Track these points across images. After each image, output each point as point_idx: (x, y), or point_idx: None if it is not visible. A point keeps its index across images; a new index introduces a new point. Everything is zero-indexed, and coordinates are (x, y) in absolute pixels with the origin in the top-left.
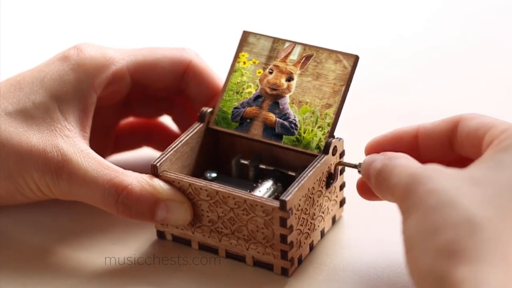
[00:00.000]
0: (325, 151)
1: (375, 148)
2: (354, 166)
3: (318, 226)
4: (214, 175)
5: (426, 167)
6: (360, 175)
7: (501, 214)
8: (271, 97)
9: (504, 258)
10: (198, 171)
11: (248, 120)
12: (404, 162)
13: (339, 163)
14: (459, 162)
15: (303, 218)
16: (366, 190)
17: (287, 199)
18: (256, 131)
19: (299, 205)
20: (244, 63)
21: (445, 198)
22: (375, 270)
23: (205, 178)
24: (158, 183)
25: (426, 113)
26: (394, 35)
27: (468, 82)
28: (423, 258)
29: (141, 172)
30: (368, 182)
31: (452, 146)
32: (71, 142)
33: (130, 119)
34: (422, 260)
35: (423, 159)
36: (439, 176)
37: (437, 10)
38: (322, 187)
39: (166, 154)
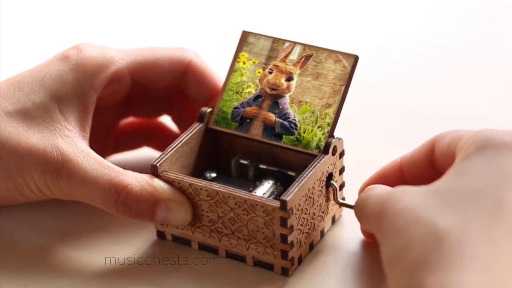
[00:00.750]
0: (325, 151)
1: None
2: (352, 207)
3: (318, 226)
4: (214, 175)
5: (393, 190)
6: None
7: (463, 219)
8: (271, 97)
9: (471, 260)
10: (198, 171)
11: (248, 120)
12: (377, 191)
13: (338, 203)
14: None
15: (303, 218)
16: (365, 232)
17: (287, 199)
18: (256, 131)
19: (299, 205)
20: (244, 63)
21: (410, 216)
22: (375, 270)
23: (205, 178)
24: (158, 183)
25: (426, 113)
26: (394, 35)
27: (468, 82)
28: (400, 278)
29: (141, 172)
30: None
31: (434, 167)
32: (71, 142)
33: (130, 119)
34: (400, 281)
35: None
36: (404, 196)
37: (437, 10)
38: (322, 187)
39: (166, 154)
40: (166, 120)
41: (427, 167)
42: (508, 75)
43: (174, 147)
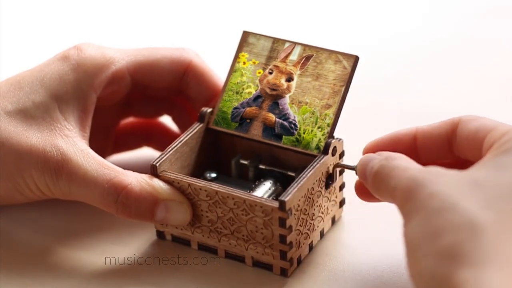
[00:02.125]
0: (325, 151)
1: (373, 150)
2: (352, 168)
3: (318, 226)
4: (213, 175)
5: (427, 170)
6: (357, 177)
7: (503, 216)
8: (271, 98)
9: (505, 261)
10: (197, 171)
11: (248, 120)
12: (403, 164)
13: (337, 165)
14: (458, 164)
15: (302, 218)
16: (364, 191)
17: (286, 199)
18: (255, 131)
19: (299, 206)
20: (244, 63)
21: (447, 201)
22: (375, 270)
23: (205, 178)
24: (157, 183)
25: (427, 113)
26: (395, 35)
27: (468, 81)
28: (425, 261)
29: (141, 172)
30: (365, 182)
31: (451, 148)
32: (71, 141)
33: (130, 119)
34: (424, 263)
35: (422, 161)
36: (440, 179)
37: (437, 9)
38: (321, 188)
39: (166, 154)
40: (166, 120)
41: (443, 145)
42: (507, 72)
43: (174, 147)
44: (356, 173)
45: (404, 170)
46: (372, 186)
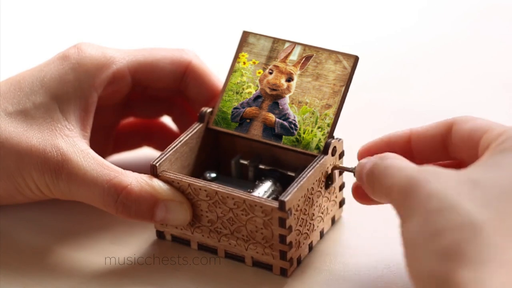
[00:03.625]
0: (325, 151)
1: (367, 153)
2: (351, 170)
3: (318, 226)
4: (213, 175)
5: (423, 169)
6: (355, 179)
7: (502, 216)
8: (271, 98)
9: (505, 261)
10: (197, 171)
11: (248, 120)
12: (397, 162)
13: (335, 167)
14: (453, 165)
15: (302, 218)
16: (362, 194)
17: (286, 199)
18: (255, 132)
19: (298, 206)
20: (244, 63)
21: (446, 201)
22: (375, 270)
23: (205, 178)
24: (157, 183)
25: (427, 113)
26: (395, 35)
27: (468, 80)
28: (424, 260)
29: (141, 172)
30: (362, 184)
31: (446, 149)
32: (71, 142)
33: (130, 119)
34: (423, 263)
35: (417, 163)
36: (437, 178)
37: (437, 10)
38: (321, 188)
39: (166, 154)
40: (166, 120)
41: (438, 146)
42: (505, 71)
43: (174, 147)
44: (354, 175)
45: (399, 169)
46: (367, 186)
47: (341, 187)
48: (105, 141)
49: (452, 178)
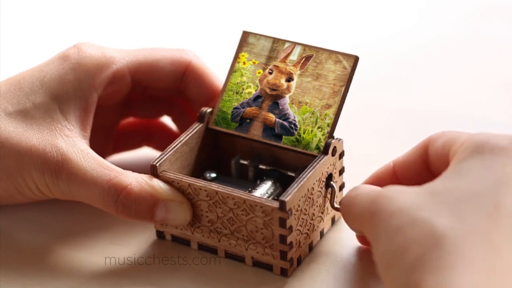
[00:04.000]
0: (325, 151)
1: None
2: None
3: (318, 226)
4: (213, 175)
5: (386, 189)
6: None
7: (461, 219)
8: (271, 98)
9: (468, 262)
10: (197, 171)
11: (248, 121)
12: (365, 190)
13: (334, 208)
14: None
15: (302, 218)
16: (363, 238)
17: (286, 199)
18: (255, 132)
19: (299, 206)
20: (244, 63)
21: (406, 216)
22: (375, 271)
23: (205, 178)
24: (157, 183)
25: (428, 113)
26: (395, 35)
27: (468, 80)
28: (396, 278)
29: (141, 172)
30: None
31: (430, 169)
32: (71, 142)
33: (130, 119)
34: (396, 281)
35: None
36: (398, 196)
37: (437, 10)
38: (321, 188)
39: (166, 154)
40: (166, 120)
41: (421, 169)
42: (505, 70)
43: (174, 147)
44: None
45: (366, 195)
46: (344, 218)
47: (341, 187)
48: (105, 141)
49: (413, 193)
